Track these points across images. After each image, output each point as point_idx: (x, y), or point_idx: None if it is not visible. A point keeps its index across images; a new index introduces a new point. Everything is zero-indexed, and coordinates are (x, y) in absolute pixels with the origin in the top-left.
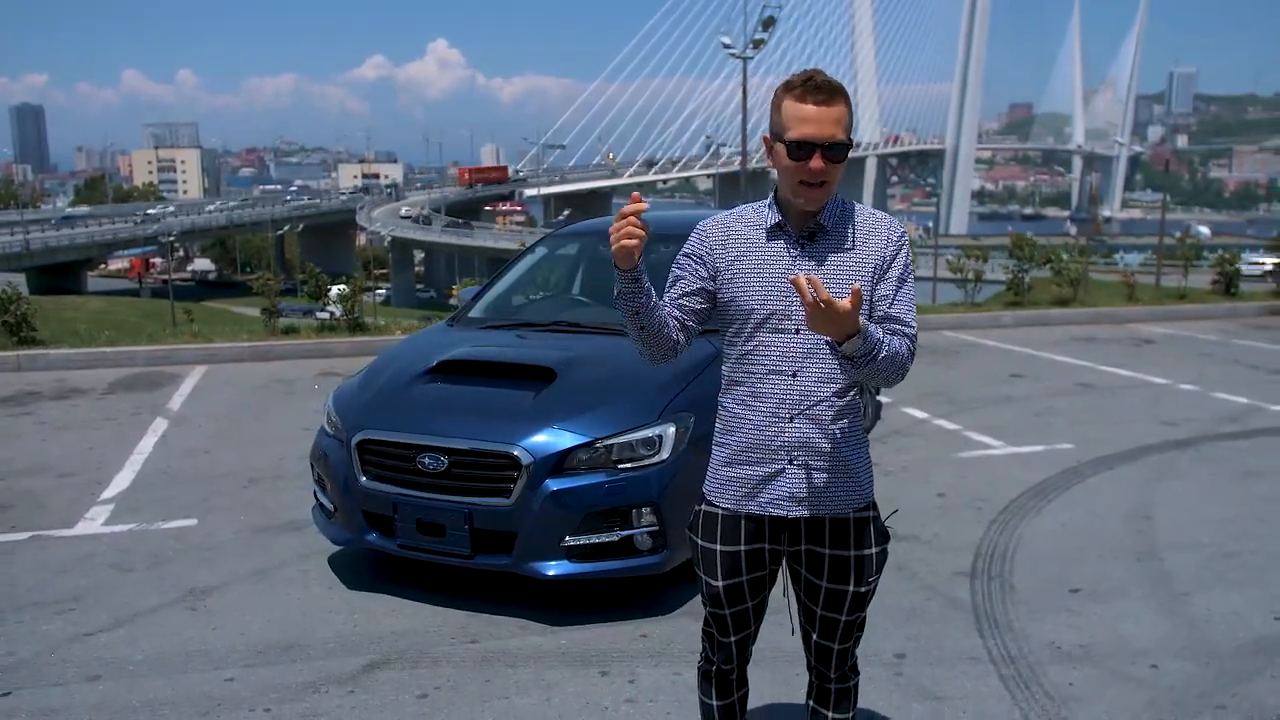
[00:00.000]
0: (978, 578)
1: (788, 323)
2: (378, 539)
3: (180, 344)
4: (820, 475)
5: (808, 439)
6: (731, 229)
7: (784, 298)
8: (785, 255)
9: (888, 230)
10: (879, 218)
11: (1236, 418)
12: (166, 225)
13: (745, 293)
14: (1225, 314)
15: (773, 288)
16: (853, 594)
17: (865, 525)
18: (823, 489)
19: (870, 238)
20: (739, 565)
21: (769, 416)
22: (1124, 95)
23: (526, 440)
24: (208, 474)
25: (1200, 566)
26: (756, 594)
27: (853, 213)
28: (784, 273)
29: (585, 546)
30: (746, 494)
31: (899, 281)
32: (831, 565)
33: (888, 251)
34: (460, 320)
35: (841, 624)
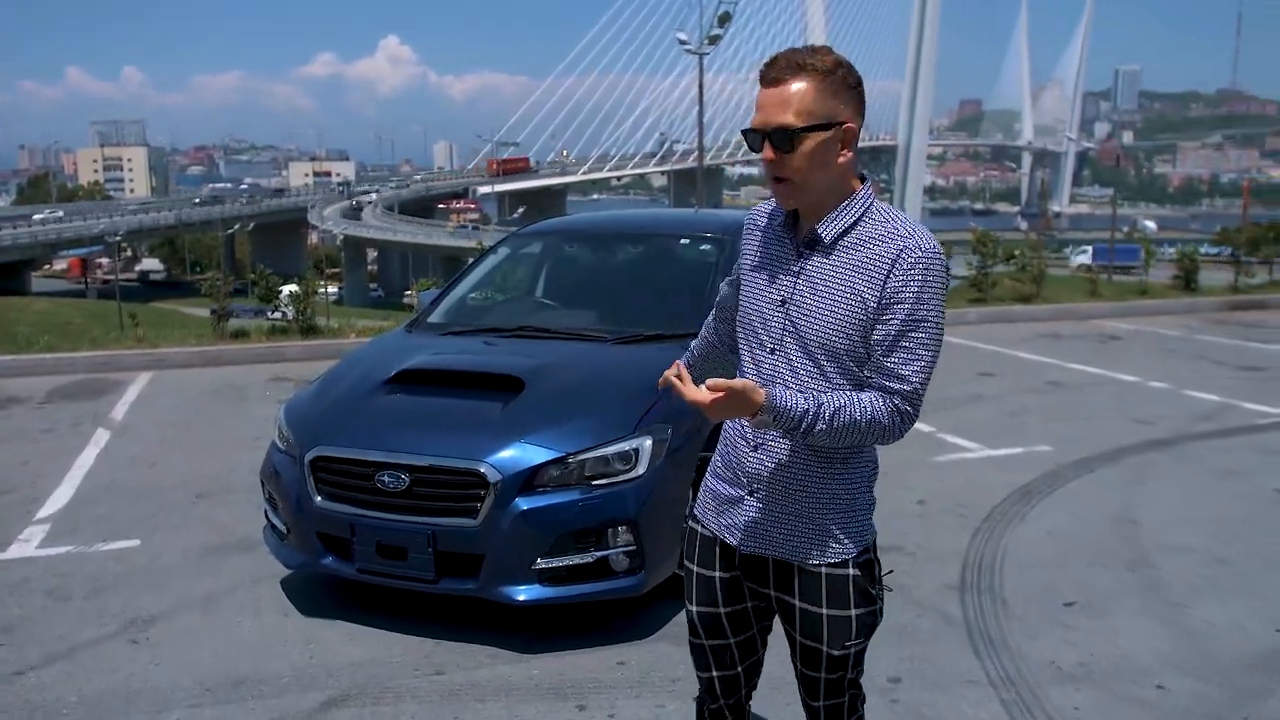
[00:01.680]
0: (968, 591)
1: (765, 338)
2: (334, 563)
3: (124, 349)
4: (777, 515)
5: (767, 472)
6: (755, 225)
7: (764, 311)
8: (780, 264)
9: (900, 251)
10: (899, 234)
11: (1210, 416)
12: (114, 224)
13: (742, 299)
14: (1185, 309)
15: (760, 296)
16: (827, 655)
17: (842, 583)
18: (778, 530)
19: (874, 258)
20: (714, 593)
21: (739, 439)
22: (1071, 92)
23: (494, 456)
24: (153, 488)
25: (1193, 574)
26: (740, 630)
27: (875, 223)
28: (770, 287)
29: (558, 569)
30: (716, 510)
31: (903, 323)
32: (802, 620)
33: (892, 280)
34: (420, 325)
35: (822, 682)
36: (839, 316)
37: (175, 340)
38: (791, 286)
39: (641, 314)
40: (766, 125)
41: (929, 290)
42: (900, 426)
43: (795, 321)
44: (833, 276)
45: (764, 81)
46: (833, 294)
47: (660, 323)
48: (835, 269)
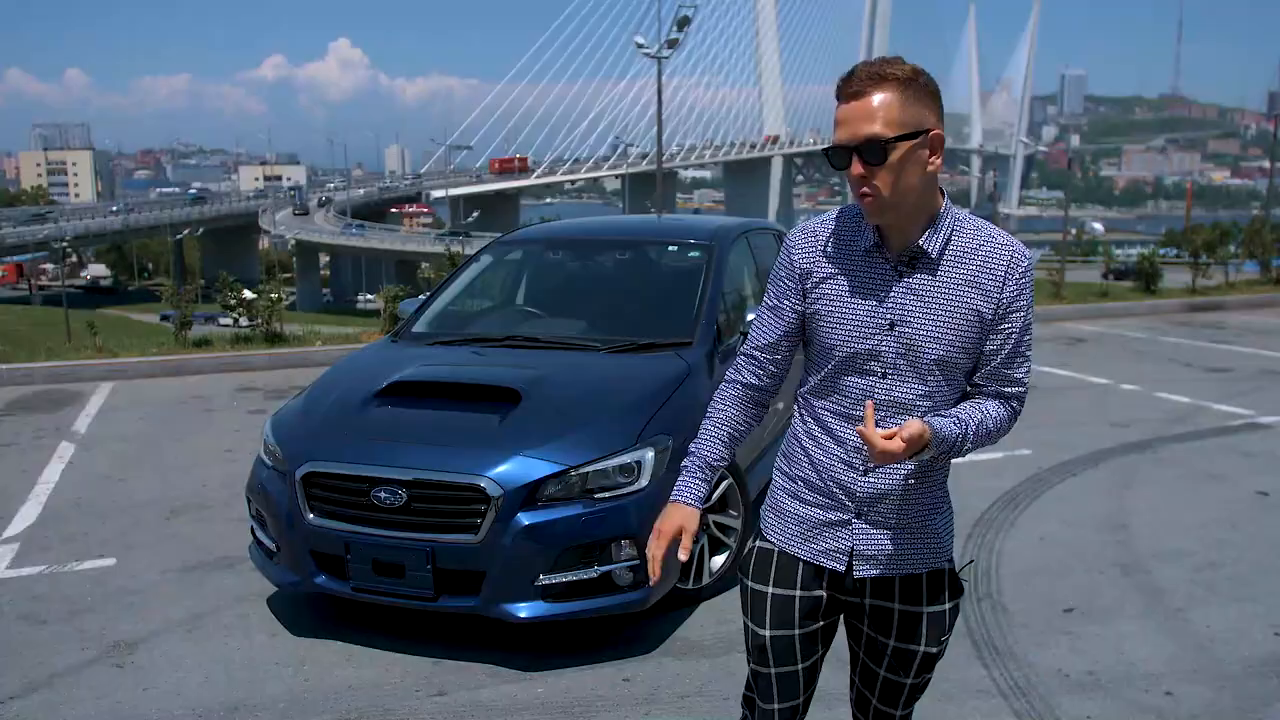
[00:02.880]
0: (967, 599)
1: (874, 364)
2: (328, 581)
3: (83, 359)
4: (892, 534)
5: (884, 495)
6: (820, 241)
7: (872, 337)
8: (880, 285)
9: (1009, 261)
10: (1000, 244)
11: (1184, 418)
12: (59, 230)
13: (828, 327)
14: (1148, 311)
15: (860, 324)
16: (923, 655)
17: (940, 578)
18: (893, 549)
19: (985, 270)
20: (791, 614)
21: (842, 463)
22: (1019, 96)
23: (494, 470)
24: (125, 505)
25: (1188, 579)
26: (809, 655)
27: (968, 233)
28: (877, 308)
29: (560, 585)
30: (804, 535)
31: (1019, 331)
32: (901, 622)
33: (1006, 290)
34: (404, 335)
35: (907, 688)
36: (958, 333)
37: (136, 350)
38: (900, 308)
39: (632, 322)
40: (854, 138)
41: (1032, 297)
42: (1014, 422)
43: (910, 343)
44: (945, 292)
45: (843, 96)
46: (949, 311)
47: (651, 331)
48: (945, 284)
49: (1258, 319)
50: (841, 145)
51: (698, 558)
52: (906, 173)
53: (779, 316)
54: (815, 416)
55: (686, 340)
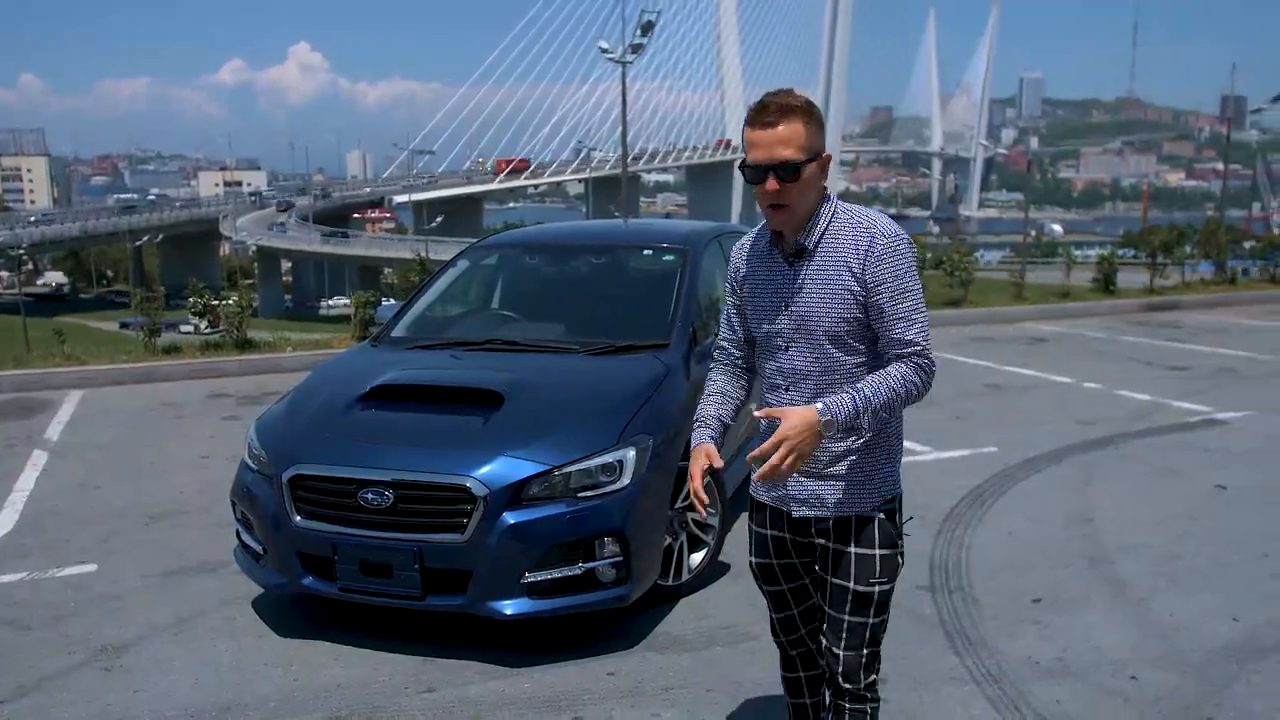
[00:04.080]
0: (938, 591)
1: (779, 340)
2: (315, 582)
3: (51, 367)
4: (819, 483)
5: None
6: (744, 250)
7: (774, 318)
8: (776, 276)
9: (871, 237)
10: (859, 223)
11: (1144, 415)
12: (15, 236)
13: (750, 314)
14: (1107, 311)
15: (766, 307)
16: (854, 592)
17: (868, 524)
18: (819, 492)
19: (853, 249)
20: (767, 547)
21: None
22: (979, 99)
23: (480, 470)
24: (102, 512)
25: (1151, 570)
26: (791, 579)
27: (841, 222)
28: (775, 294)
29: (545, 582)
30: (765, 487)
31: (891, 295)
32: (833, 559)
33: (870, 265)
34: (384, 340)
35: (845, 624)
36: (833, 307)
37: (105, 357)
38: (791, 292)
39: (608, 325)
40: (773, 160)
41: (902, 265)
42: (926, 378)
43: (801, 320)
44: (821, 275)
45: (758, 124)
46: (825, 289)
47: (629, 334)
48: (822, 268)
49: (1213, 318)
50: (760, 164)
51: (677, 555)
52: (808, 188)
53: (729, 316)
54: (764, 394)
55: (663, 342)
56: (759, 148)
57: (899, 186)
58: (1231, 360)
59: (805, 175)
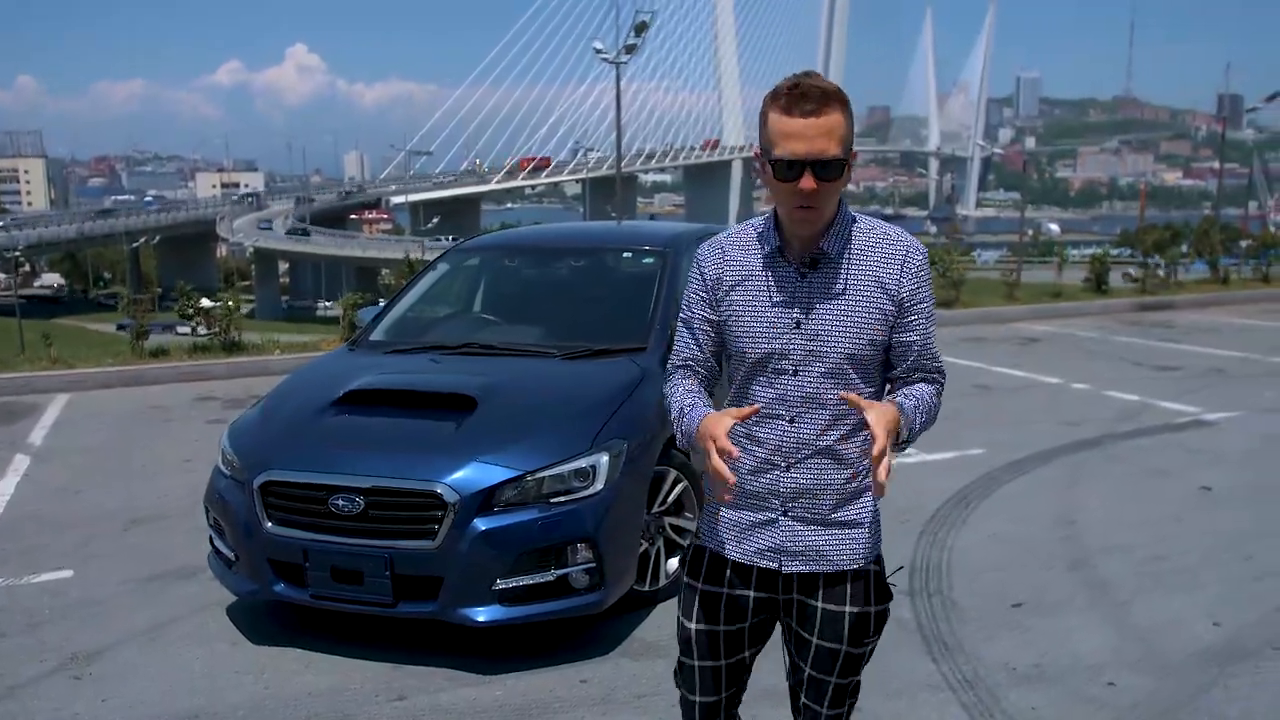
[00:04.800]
0: (918, 595)
1: (785, 363)
2: (286, 589)
3: (38, 370)
4: (816, 529)
5: (804, 490)
6: (728, 254)
7: (781, 336)
8: (784, 287)
9: (905, 253)
10: (894, 238)
11: (1132, 415)
12: (11, 238)
13: (740, 331)
14: (1099, 310)
15: (769, 325)
16: (845, 654)
17: (864, 580)
18: (819, 544)
19: (885, 264)
20: (718, 610)
21: (764, 463)
22: (975, 99)
23: (451, 476)
24: (82, 517)
25: (1134, 572)
26: (733, 652)
27: (863, 232)
28: (782, 308)
29: (518, 589)
30: (735, 537)
31: (926, 316)
32: (824, 620)
33: (905, 282)
34: (361, 344)
35: (831, 687)
36: (862, 328)
37: (92, 360)
38: (805, 306)
39: (587, 329)
40: (817, 155)
41: (929, 284)
42: (941, 397)
43: (817, 340)
44: (846, 289)
45: (796, 112)
46: (851, 306)
47: (607, 337)
48: (846, 282)
49: (1205, 317)
50: (798, 159)
51: (654, 560)
52: (839, 188)
53: (693, 329)
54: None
55: (641, 346)
56: (798, 139)
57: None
58: (1223, 360)
59: (845, 174)
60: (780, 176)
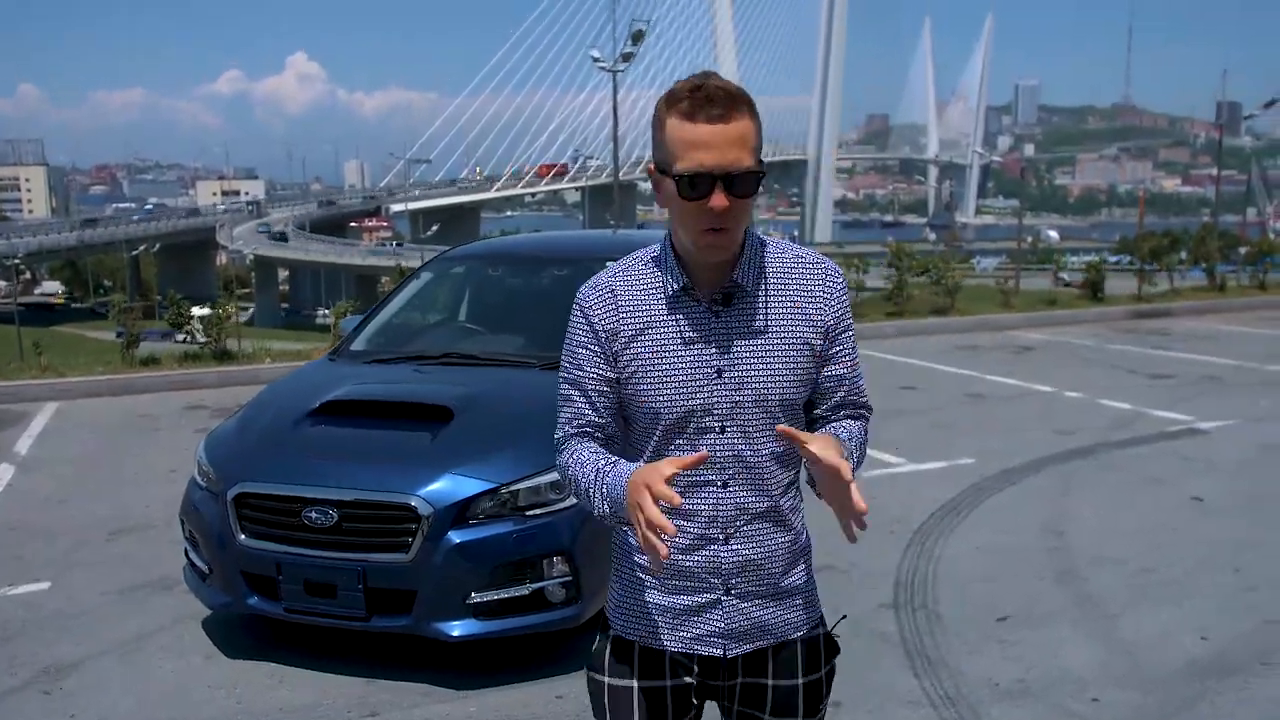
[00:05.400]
0: (902, 609)
1: (709, 420)
2: (260, 602)
3: (27, 379)
4: (765, 603)
5: (748, 561)
6: (621, 297)
7: (702, 389)
8: (697, 331)
9: (825, 277)
10: (810, 261)
11: (1126, 424)
12: (11, 246)
13: (649, 389)
14: (1095, 318)
15: (686, 378)
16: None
17: (815, 646)
18: (766, 619)
19: (806, 291)
20: (664, 707)
21: (697, 539)
22: (974, 106)
23: (425, 489)
24: (64, 527)
25: (1123, 584)
26: None
27: (775, 257)
28: (698, 357)
29: (493, 603)
30: (670, 625)
31: (851, 347)
32: (775, 698)
33: (829, 309)
34: (343, 354)
35: None
36: (793, 366)
37: (82, 369)
38: (724, 351)
39: None
40: (728, 168)
41: (850, 310)
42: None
43: (745, 389)
44: (768, 325)
45: (701, 117)
46: (776, 344)
47: None
48: (767, 317)
49: (1202, 325)
50: (707, 172)
51: None
52: (751, 207)
53: (586, 391)
54: None
55: None
56: (705, 149)
57: (895, 194)
58: (1218, 368)
59: (757, 191)
60: (686, 194)
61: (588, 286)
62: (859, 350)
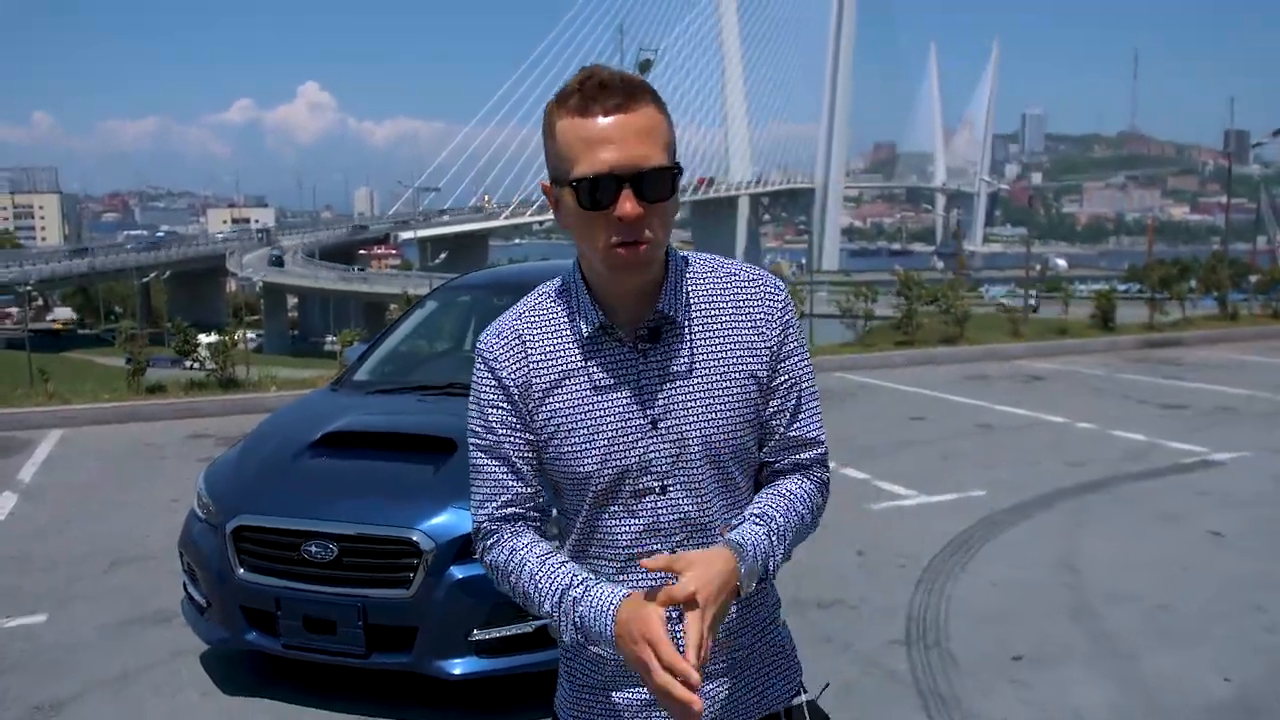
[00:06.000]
0: (914, 646)
1: (648, 479)
2: (258, 638)
3: (33, 406)
4: (732, 682)
5: (722, 636)
6: (530, 345)
7: (636, 445)
8: (622, 376)
9: (764, 295)
10: (746, 277)
11: (1139, 456)
12: (24, 273)
13: (572, 450)
14: (1105, 348)
15: (615, 433)
16: None
17: (799, 712)
18: (740, 694)
19: (744, 315)
20: None
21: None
22: (981, 135)
23: (426, 523)
24: (63, 557)
25: (1140, 623)
26: None
27: (703, 276)
28: (626, 405)
29: (494, 640)
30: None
31: (799, 378)
32: None
33: (772, 334)
34: (345, 384)
35: None
36: (736, 408)
37: (87, 396)
38: (658, 396)
39: None
40: (635, 166)
41: (796, 328)
42: (826, 497)
43: (686, 439)
44: (705, 361)
45: (596, 109)
46: (716, 381)
47: None
48: (702, 351)
49: (1214, 354)
50: (610, 173)
51: None
52: (670, 216)
53: (508, 460)
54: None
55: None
56: (604, 145)
57: (903, 222)
58: (1231, 398)
59: (674, 192)
60: (586, 204)
61: (489, 334)
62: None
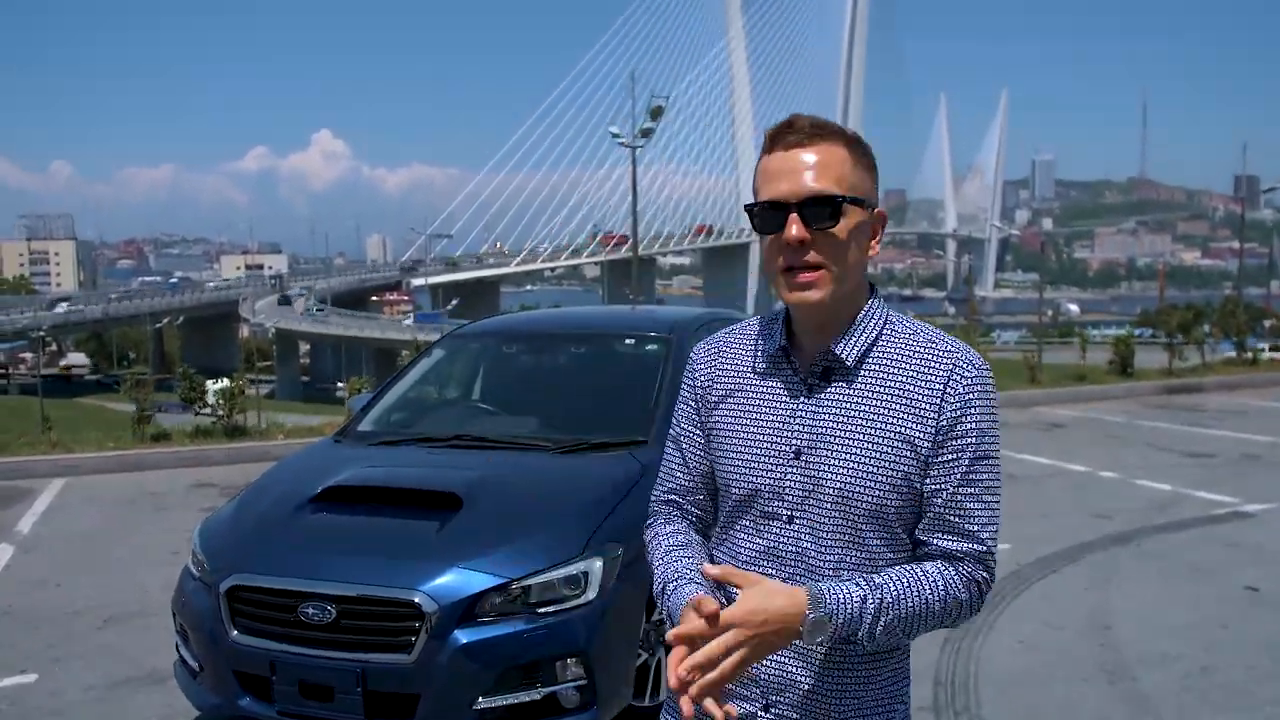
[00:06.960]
0: (943, 712)
1: (777, 505)
2: (252, 704)
3: (35, 455)
4: None
5: (791, 680)
6: (724, 355)
7: (774, 468)
8: (783, 402)
9: (953, 366)
10: (930, 342)
11: (1165, 507)
12: (37, 319)
13: (723, 456)
14: (1124, 394)
15: (759, 448)
16: None
17: None
18: None
19: (922, 379)
20: None
21: None
22: (992, 181)
23: (429, 584)
24: (57, 613)
25: (1178, 686)
26: None
27: (898, 335)
28: (778, 431)
29: (501, 708)
30: None
31: (972, 459)
32: None
33: (947, 408)
34: (349, 435)
35: None
36: (881, 466)
37: (91, 445)
38: (808, 431)
39: (585, 420)
40: (798, 194)
41: (988, 419)
42: (978, 600)
43: (821, 477)
44: (866, 411)
45: (779, 145)
46: (869, 434)
47: (606, 430)
48: (866, 401)
49: (1235, 400)
50: (779, 200)
51: (653, 672)
52: (851, 250)
53: (682, 449)
54: None
55: (642, 439)
56: (779, 178)
57: (914, 268)
58: (1256, 445)
59: (849, 224)
60: (761, 229)
61: (703, 341)
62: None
